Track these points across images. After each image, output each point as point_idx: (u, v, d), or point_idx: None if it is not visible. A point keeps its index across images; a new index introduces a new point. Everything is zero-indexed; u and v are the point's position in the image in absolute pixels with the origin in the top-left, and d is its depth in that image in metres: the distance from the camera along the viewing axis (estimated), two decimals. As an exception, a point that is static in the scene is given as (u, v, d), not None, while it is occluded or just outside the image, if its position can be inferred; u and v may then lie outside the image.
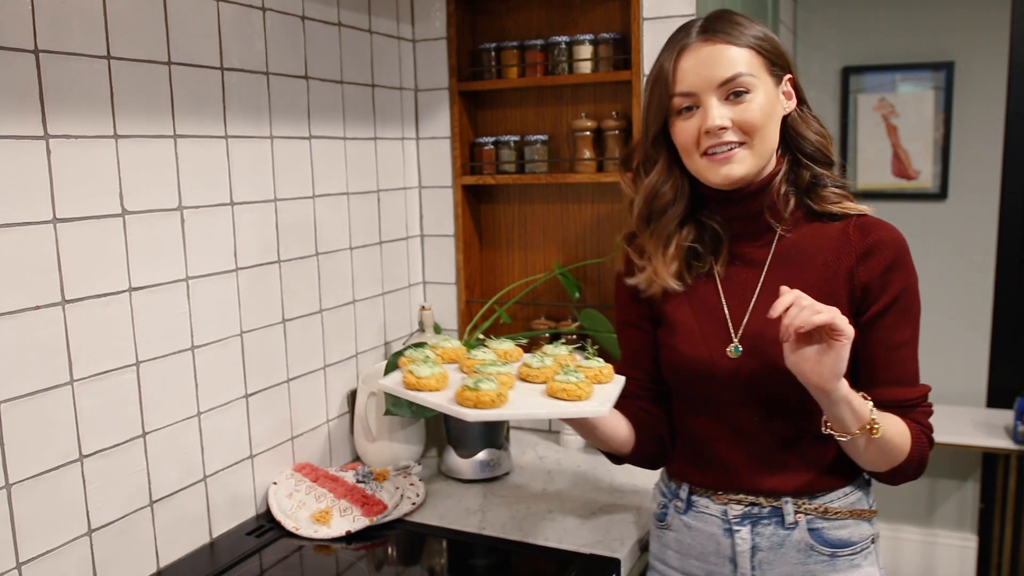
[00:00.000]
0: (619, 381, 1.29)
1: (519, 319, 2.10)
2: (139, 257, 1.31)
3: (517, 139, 2.00)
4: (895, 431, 1.13)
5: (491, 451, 1.75)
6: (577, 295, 1.96)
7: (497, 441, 1.77)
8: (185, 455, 1.42)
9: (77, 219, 1.21)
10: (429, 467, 1.83)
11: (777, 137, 1.18)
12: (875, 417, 1.09)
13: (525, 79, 1.96)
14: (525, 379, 1.29)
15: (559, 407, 1.19)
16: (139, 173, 1.31)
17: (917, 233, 3.21)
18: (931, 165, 3.08)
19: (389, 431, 1.74)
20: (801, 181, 1.19)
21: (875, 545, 1.24)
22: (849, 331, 1.03)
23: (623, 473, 1.75)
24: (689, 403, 1.28)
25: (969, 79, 3.00)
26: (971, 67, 2.99)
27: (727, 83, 1.13)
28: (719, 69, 1.13)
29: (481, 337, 1.90)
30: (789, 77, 1.19)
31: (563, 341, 1.44)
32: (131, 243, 1.30)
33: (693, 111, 1.15)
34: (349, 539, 1.49)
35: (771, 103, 1.15)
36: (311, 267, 1.71)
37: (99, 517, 1.27)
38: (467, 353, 1.36)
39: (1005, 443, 2.70)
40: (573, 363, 1.30)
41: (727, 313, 1.22)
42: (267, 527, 1.53)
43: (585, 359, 1.32)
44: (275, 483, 1.60)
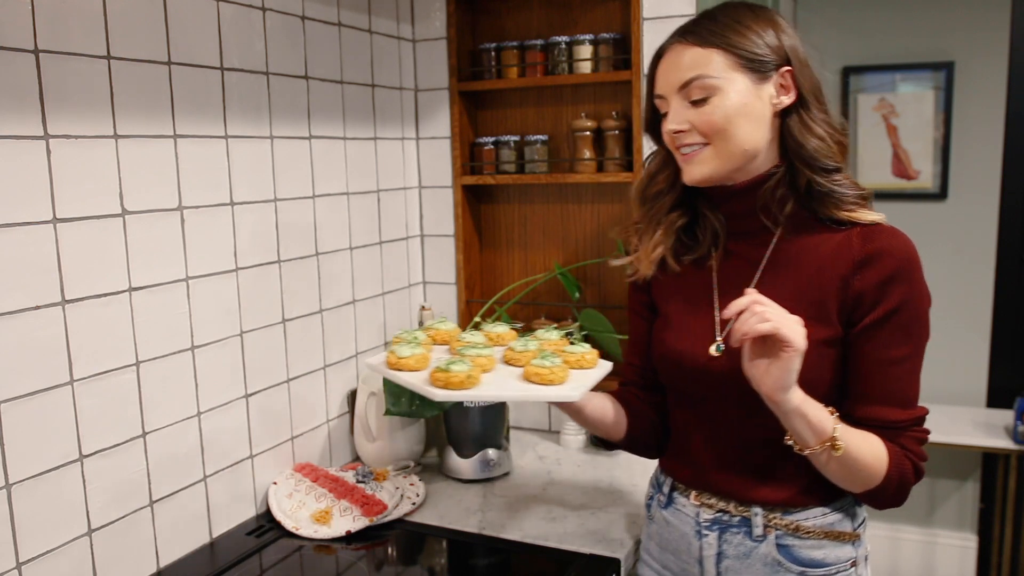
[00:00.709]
0: (603, 367, 1.30)
1: (519, 319, 2.09)
2: (139, 257, 1.31)
3: (517, 139, 2.00)
4: (865, 452, 1.08)
5: (491, 451, 1.75)
6: (577, 295, 1.96)
7: (497, 441, 1.77)
8: (185, 455, 1.42)
9: (77, 219, 1.21)
10: (429, 467, 1.83)
11: (759, 136, 1.12)
12: (837, 435, 1.05)
13: (525, 79, 1.96)
14: (509, 362, 1.31)
15: (528, 390, 1.20)
16: (139, 173, 1.31)
17: (917, 233, 3.20)
18: (931, 165, 3.08)
19: (389, 431, 1.74)
20: (799, 184, 1.14)
21: (857, 568, 1.19)
22: (798, 343, 1.00)
23: (623, 473, 1.75)
24: (676, 396, 1.28)
25: (969, 79, 3.00)
26: (971, 67, 2.99)
27: (685, 86, 1.12)
28: (679, 72, 1.12)
29: (478, 320, 1.91)
30: (787, 70, 1.12)
31: (555, 326, 1.45)
32: (131, 243, 1.30)
33: (668, 113, 1.17)
34: (349, 539, 1.49)
35: (742, 102, 1.10)
36: (311, 267, 1.71)
37: (99, 517, 1.27)
38: (459, 335, 1.38)
39: (1005, 443, 2.70)
40: (560, 348, 1.32)
41: (716, 309, 1.20)
42: (267, 527, 1.53)
43: (571, 344, 1.34)
44: (275, 483, 1.60)
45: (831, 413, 1.08)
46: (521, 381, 1.24)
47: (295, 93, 1.65)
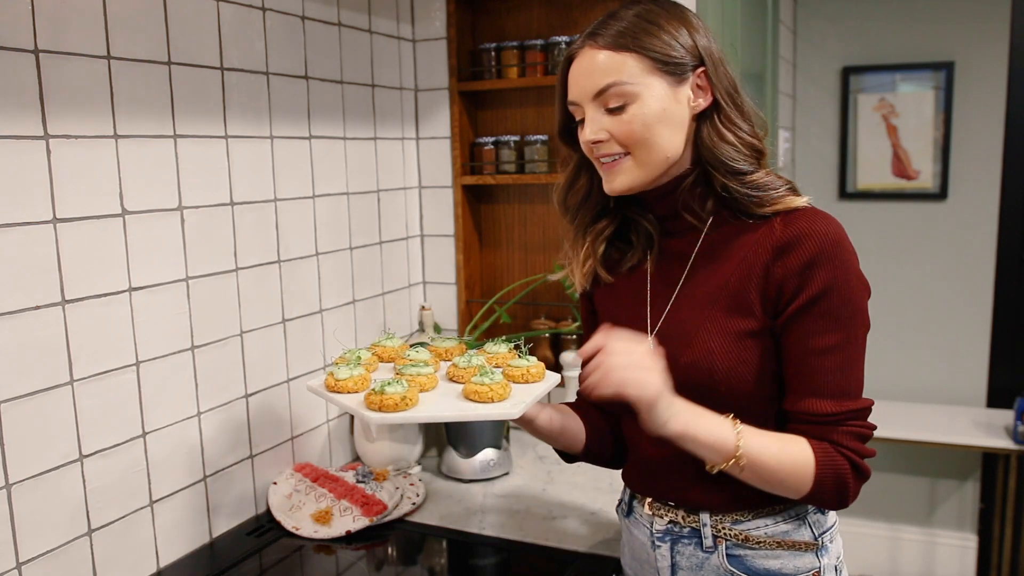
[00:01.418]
0: (549, 381, 1.27)
1: (519, 319, 2.10)
2: (139, 257, 1.31)
3: (517, 139, 2.00)
4: (783, 459, 1.03)
5: (491, 451, 1.75)
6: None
7: (497, 441, 1.77)
8: (185, 455, 1.42)
9: (77, 219, 1.21)
10: (429, 467, 1.83)
11: (677, 140, 1.08)
12: (741, 454, 1.02)
13: (525, 79, 1.96)
14: (452, 379, 1.28)
15: (466, 409, 1.17)
16: (139, 173, 1.31)
17: (917, 233, 3.23)
18: (931, 165, 3.08)
19: (389, 431, 1.74)
20: (714, 184, 1.10)
21: None
22: (645, 398, 0.99)
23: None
24: (620, 401, 1.24)
25: (969, 79, 3.00)
26: (971, 67, 2.99)
27: (601, 93, 1.06)
28: (592, 79, 1.07)
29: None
30: (702, 70, 1.07)
31: (504, 339, 1.43)
32: (131, 243, 1.30)
33: (584, 120, 1.12)
34: (349, 539, 1.49)
35: (661, 108, 1.06)
36: (311, 267, 1.71)
37: (99, 517, 1.27)
38: (404, 352, 1.36)
39: (1005, 443, 2.70)
40: (506, 361, 1.30)
41: (648, 309, 1.17)
42: (267, 527, 1.53)
43: (519, 357, 1.32)
44: (275, 483, 1.60)
45: (734, 425, 1.04)
46: (461, 399, 1.21)
47: (295, 93, 1.65)
